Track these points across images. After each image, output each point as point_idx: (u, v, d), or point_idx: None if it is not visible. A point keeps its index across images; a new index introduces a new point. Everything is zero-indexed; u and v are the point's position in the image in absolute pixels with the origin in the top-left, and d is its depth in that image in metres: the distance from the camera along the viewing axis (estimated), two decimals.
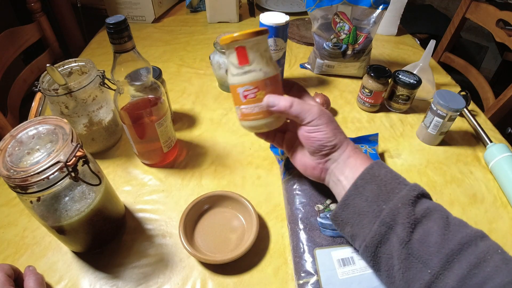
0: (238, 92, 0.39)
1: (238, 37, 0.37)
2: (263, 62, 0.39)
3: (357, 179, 0.36)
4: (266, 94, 0.39)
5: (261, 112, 0.40)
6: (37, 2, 0.92)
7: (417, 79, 0.66)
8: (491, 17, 0.90)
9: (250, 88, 0.39)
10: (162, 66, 0.79)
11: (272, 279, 0.43)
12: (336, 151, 0.39)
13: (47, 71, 0.49)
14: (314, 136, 0.39)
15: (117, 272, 0.43)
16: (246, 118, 0.41)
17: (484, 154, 0.59)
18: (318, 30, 0.77)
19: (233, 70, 0.39)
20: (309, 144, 0.40)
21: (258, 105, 0.39)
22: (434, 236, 0.32)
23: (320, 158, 0.40)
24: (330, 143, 0.39)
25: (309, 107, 0.39)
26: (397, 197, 0.34)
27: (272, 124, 0.41)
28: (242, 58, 0.38)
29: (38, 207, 0.37)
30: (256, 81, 0.38)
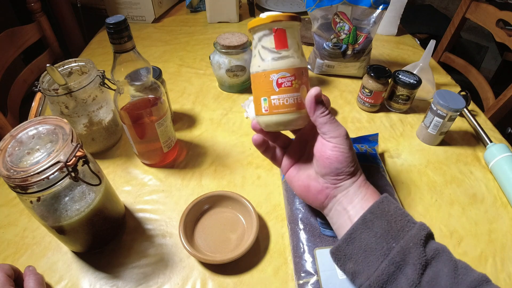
0: (271, 80, 0.35)
1: (280, 17, 0.34)
2: (299, 50, 0.36)
3: (366, 213, 0.34)
4: (302, 85, 0.36)
5: (295, 104, 0.36)
6: (37, 2, 0.92)
7: (417, 79, 0.66)
8: (491, 17, 0.90)
9: (287, 75, 0.35)
10: (162, 66, 0.80)
11: (272, 279, 0.43)
12: (350, 178, 0.37)
13: (47, 71, 0.49)
14: (336, 156, 0.36)
15: (117, 272, 0.44)
16: (276, 111, 0.36)
17: (484, 154, 0.59)
18: (318, 30, 0.77)
19: (267, 54, 0.35)
20: (327, 164, 0.36)
21: (293, 95, 0.35)
22: (444, 279, 0.31)
23: (331, 182, 0.37)
24: (349, 168, 0.36)
25: (338, 123, 0.37)
26: (408, 236, 0.32)
27: (302, 120, 0.37)
28: (280, 41, 0.35)
29: (38, 207, 0.37)
30: (294, 68, 0.35)
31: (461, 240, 0.48)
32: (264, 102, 0.36)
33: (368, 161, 0.53)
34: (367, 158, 0.53)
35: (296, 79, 0.35)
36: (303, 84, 0.36)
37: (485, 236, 0.48)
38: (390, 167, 0.59)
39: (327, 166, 0.36)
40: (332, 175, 0.37)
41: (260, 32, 0.36)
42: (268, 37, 0.35)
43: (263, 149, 0.42)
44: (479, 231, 0.49)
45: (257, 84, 0.36)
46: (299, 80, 0.35)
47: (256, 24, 0.35)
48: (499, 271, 0.44)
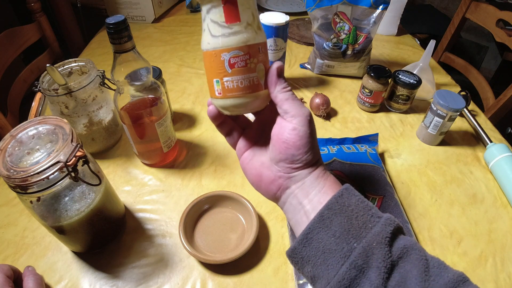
0: (222, 59, 0.31)
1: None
2: (255, 22, 0.31)
3: (324, 209, 0.30)
4: (259, 63, 0.31)
5: (251, 86, 0.31)
6: (37, 2, 0.92)
7: (417, 79, 0.66)
8: (491, 17, 0.90)
9: (240, 54, 0.30)
10: (162, 66, 0.80)
11: (272, 279, 0.43)
12: (306, 168, 0.32)
13: (47, 71, 0.49)
14: (293, 139, 0.31)
15: (117, 272, 0.43)
16: (230, 94, 0.32)
17: (484, 154, 0.59)
18: (318, 30, 0.77)
19: (216, 29, 0.30)
20: (283, 148, 0.32)
21: (248, 76, 0.31)
22: (413, 282, 0.27)
23: (284, 171, 0.33)
24: (306, 155, 0.32)
25: (301, 103, 0.33)
26: (371, 234, 0.29)
27: (260, 102, 0.33)
28: (231, 13, 0.30)
29: (38, 207, 0.37)
30: (249, 45, 0.30)
31: (461, 240, 0.48)
32: (217, 84, 0.32)
33: (368, 161, 0.53)
34: (367, 158, 0.53)
35: (251, 58, 0.31)
36: (260, 62, 0.31)
37: (485, 236, 0.48)
38: (390, 167, 0.59)
39: (282, 151, 0.32)
40: (286, 162, 0.32)
41: (208, 3, 0.30)
42: (216, 8, 0.30)
43: (218, 122, 0.37)
44: (479, 231, 0.49)
45: (208, 64, 0.32)
46: (254, 59, 0.31)
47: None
48: (499, 271, 0.44)
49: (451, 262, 0.45)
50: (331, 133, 0.66)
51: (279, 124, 0.33)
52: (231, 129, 0.38)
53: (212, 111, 0.36)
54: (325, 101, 0.67)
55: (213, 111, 0.36)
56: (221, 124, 0.37)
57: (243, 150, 0.37)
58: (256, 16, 0.31)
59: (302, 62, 0.87)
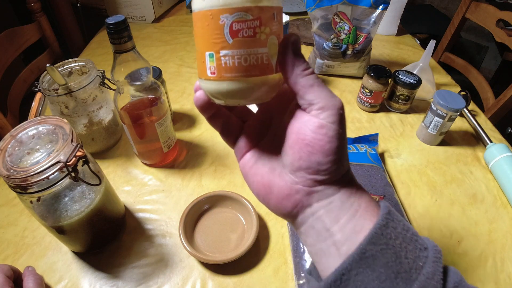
0: (222, 23, 0.22)
1: None
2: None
3: (365, 243, 0.22)
4: (271, 35, 0.23)
5: (259, 65, 0.23)
6: (37, 2, 0.92)
7: (417, 79, 0.66)
8: (491, 17, 0.90)
9: (247, 18, 0.22)
10: (162, 66, 0.80)
11: (272, 279, 0.43)
12: (335, 181, 0.24)
13: (47, 71, 0.49)
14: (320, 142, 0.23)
15: (117, 272, 0.43)
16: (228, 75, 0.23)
17: (484, 154, 0.59)
18: (318, 30, 0.77)
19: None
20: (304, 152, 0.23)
21: (256, 51, 0.22)
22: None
23: (305, 183, 0.24)
24: (337, 165, 0.23)
25: (330, 90, 0.24)
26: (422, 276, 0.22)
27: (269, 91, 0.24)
28: None
29: (38, 207, 0.37)
30: (261, 7, 0.22)
31: (461, 240, 0.48)
32: (210, 59, 0.23)
33: (368, 161, 0.53)
34: (367, 158, 0.53)
35: (262, 25, 0.22)
36: (272, 33, 0.23)
37: (485, 236, 0.48)
38: (390, 167, 0.59)
39: (304, 157, 0.23)
40: (308, 172, 0.23)
41: None
42: None
43: (210, 114, 0.27)
44: (479, 231, 0.49)
45: (200, 29, 0.23)
46: (267, 27, 0.22)
47: None
48: (499, 271, 0.44)
49: (451, 262, 0.45)
50: None
51: (300, 119, 0.24)
52: (226, 121, 0.28)
53: (201, 98, 0.26)
54: None
55: (202, 98, 0.26)
56: (214, 116, 0.28)
57: (244, 150, 0.28)
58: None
59: None
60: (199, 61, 0.24)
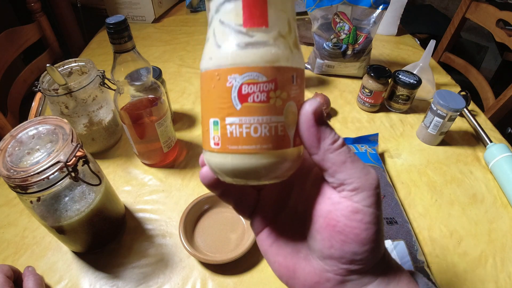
0: (229, 85, 0.18)
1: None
2: (291, 36, 0.19)
3: None
4: (289, 101, 0.19)
5: (273, 138, 0.19)
6: (37, 2, 0.92)
7: (417, 79, 0.66)
8: (491, 17, 0.90)
9: (260, 80, 0.18)
10: (162, 66, 0.79)
11: (272, 279, 0.43)
12: (370, 270, 0.21)
13: (47, 71, 0.49)
14: (355, 230, 0.19)
15: (117, 272, 0.43)
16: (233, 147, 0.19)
17: (484, 154, 0.59)
18: (318, 30, 0.77)
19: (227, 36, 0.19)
20: (337, 241, 0.20)
21: (270, 120, 0.18)
22: None
23: (337, 272, 0.21)
24: (373, 255, 0.20)
25: (363, 165, 0.20)
26: None
27: (286, 168, 0.20)
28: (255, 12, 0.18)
29: (38, 207, 0.37)
30: (277, 67, 0.18)
31: (461, 240, 0.48)
32: (215, 127, 0.19)
33: (368, 161, 0.53)
34: (367, 158, 0.53)
35: (278, 89, 0.18)
36: (290, 99, 0.19)
37: (485, 236, 0.48)
38: (390, 167, 0.59)
39: (336, 245, 0.20)
40: (342, 261, 0.20)
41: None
42: (231, 3, 0.18)
43: (220, 191, 0.23)
44: (479, 231, 0.49)
45: (206, 92, 0.20)
46: (284, 92, 0.19)
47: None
48: (499, 271, 0.44)
49: (451, 262, 0.45)
50: None
51: (328, 199, 0.20)
52: (239, 197, 0.24)
53: (207, 176, 0.22)
54: (325, 101, 0.67)
55: (208, 176, 0.22)
56: (224, 193, 0.23)
57: (262, 225, 0.24)
58: (294, 27, 0.20)
59: None
60: (204, 129, 0.20)
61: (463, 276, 0.44)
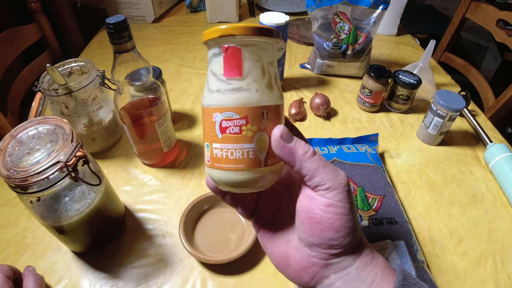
0: (214, 120, 0.25)
1: (232, 30, 0.23)
2: (263, 80, 0.25)
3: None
4: (260, 132, 0.25)
5: (245, 160, 0.25)
6: (37, 2, 0.92)
7: (417, 79, 0.66)
8: (491, 17, 0.90)
9: (234, 117, 0.24)
10: (162, 66, 0.80)
11: (272, 279, 0.43)
12: (350, 253, 0.25)
13: (47, 71, 0.49)
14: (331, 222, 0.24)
15: (117, 272, 0.43)
16: (218, 165, 0.25)
17: (484, 154, 0.59)
18: (318, 30, 0.77)
19: (213, 83, 0.25)
20: (316, 232, 0.25)
21: (242, 147, 0.24)
22: None
23: (320, 256, 0.25)
24: (349, 238, 0.24)
25: (334, 167, 0.25)
26: None
27: (260, 182, 0.26)
28: (232, 65, 0.24)
29: (38, 207, 0.37)
30: (249, 108, 0.24)
31: (461, 240, 0.48)
32: (207, 149, 0.26)
33: (368, 161, 0.53)
34: (367, 158, 0.53)
35: (248, 124, 0.24)
36: (261, 131, 0.25)
37: (485, 236, 0.48)
38: (390, 167, 0.59)
39: (315, 234, 0.25)
40: (323, 247, 0.25)
41: (210, 49, 0.25)
42: (217, 58, 0.25)
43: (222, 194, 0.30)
44: (479, 231, 0.49)
45: (203, 122, 0.27)
46: (253, 126, 0.24)
47: (205, 38, 0.25)
48: (499, 271, 0.44)
49: (451, 262, 0.45)
50: (331, 133, 0.66)
51: (308, 196, 0.25)
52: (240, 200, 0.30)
53: (209, 183, 0.29)
54: (325, 101, 0.67)
55: (210, 183, 0.28)
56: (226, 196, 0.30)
57: (260, 222, 0.30)
58: (270, 71, 0.25)
59: (302, 62, 0.87)
60: (204, 148, 0.27)
61: (463, 276, 0.44)
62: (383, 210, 0.46)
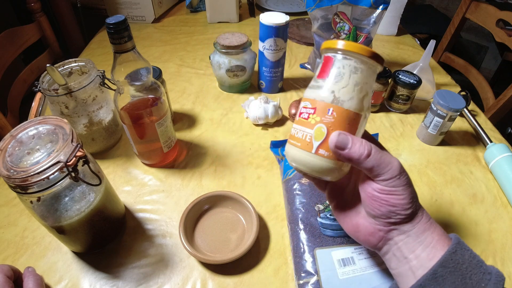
0: (300, 107, 0.33)
1: (333, 44, 0.31)
2: (346, 87, 0.30)
3: (437, 266, 0.28)
4: (321, 124, 0.30)
5: (304, 141, 0.31)
6: (37, 2, 0.92)
7: (417, 79, 0.66)
8: (491, 17, 0.90)
9: (308, 106, 0.31)
10: (162, 66, 0.80)
11: (272, 279, 0.43)
12: (409, 221, 0.31)
13: (47, 71, 0.49)
14: (386, 200, 0.30)
15: (117, 272, 0.43)
16: (289, 141, 0.33)
17: (484, 154, 0.59)
18: (318, 30, 0.77)
19: (311, 81, 0.33)
20: (375, 207, 0.31)
21: (304, 130, 0.31)
22: None
23: (384, 225, 0.31)
24: (405, 212, 0.30)
25: (389, 159, 0.30)
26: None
27: (309, 164, 0.32)
28: (323, 69, 0.32)
29: (38, 207, 0.37)
30: (318, 101, 0.31)
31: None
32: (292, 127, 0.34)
33: None
34: None
35: (315, 114, 0.31)
36: (321, 123, 0.30)
37: (485, 236, 0.48)
38: None
39: (376, 208, 0.31)
40: (383, 218, 0.31)
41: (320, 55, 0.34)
42: (319, 63, 0.33)
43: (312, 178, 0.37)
44: (479, 231, 0.49)
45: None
46: (318, 116, 0.30)
47: (322, 47, 0.33)
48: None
49: None
50: None
51: (368, 181, 0.31)
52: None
53: None
54: None
55: None
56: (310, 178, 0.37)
57: (333, 199, 0.37)
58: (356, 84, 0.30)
59: (302, 62, 0.87)
60: None
61: None
62: None
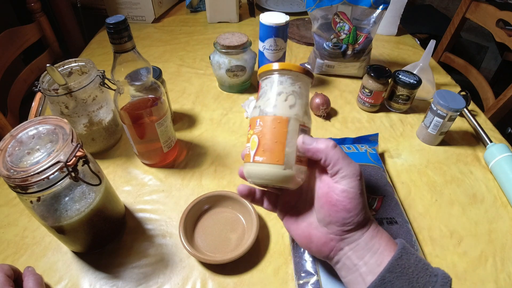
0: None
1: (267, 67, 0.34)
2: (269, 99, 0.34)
3: (384, 272, 0.29)
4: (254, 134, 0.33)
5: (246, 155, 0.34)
6: (37, 2, 0.92)
7: (417, 79, 0.66)
8: (491, 17, 0.90)
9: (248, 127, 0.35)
10: (162, 66, 0.80)
11: (272, 279, 0.43)
12: (359, 229, 0.31)
13: (47, 71, 0.49)
14: (343, 202, 0.31)
15: (117, 272, 0.43)
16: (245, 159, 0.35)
17: (484, 154, 0.59)
18: (318, 30, 0.77)
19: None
20: (332, 211, 0.31)
21: (247, 146, 0.34)
22: None
23: (336, 233, 0.32)
24: (357, 219, 0.31)
25: (350, 160, 0.32)
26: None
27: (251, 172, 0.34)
28: (258, 94, 0.36)
29: (38, 207, 0.37)
30: (251, 118, 0.35)
31: (461, 240, 0.48)
32: None
33: (368, 161, 0.53)
34: (367, 158, 0.53)
35: (250, 130, 0.34)
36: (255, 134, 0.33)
37: (485, 236, 0.48)
38: (390, 167, 0.59)
39: (332, 214, 0.31)
40: (337, 225, 0.31)
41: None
42: None
43: (250, 199, 0.38)
44: (479, 231, 0.49)
45: None
46: (252, 130, 0.34)
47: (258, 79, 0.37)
48: (499, 271, 0.44)
49: (451, 262, 0.45)
50: (331, 133, 0.66)
51: (327, 185, 0.32)
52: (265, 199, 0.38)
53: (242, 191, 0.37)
54: (325, 101, 0.67)
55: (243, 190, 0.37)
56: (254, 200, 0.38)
57: (284, 213, 0.37)
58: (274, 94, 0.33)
59: (302, 62, 0.87)
60: None
61: (463, 276, 0.44)
62: (383, 210, 0.46)
